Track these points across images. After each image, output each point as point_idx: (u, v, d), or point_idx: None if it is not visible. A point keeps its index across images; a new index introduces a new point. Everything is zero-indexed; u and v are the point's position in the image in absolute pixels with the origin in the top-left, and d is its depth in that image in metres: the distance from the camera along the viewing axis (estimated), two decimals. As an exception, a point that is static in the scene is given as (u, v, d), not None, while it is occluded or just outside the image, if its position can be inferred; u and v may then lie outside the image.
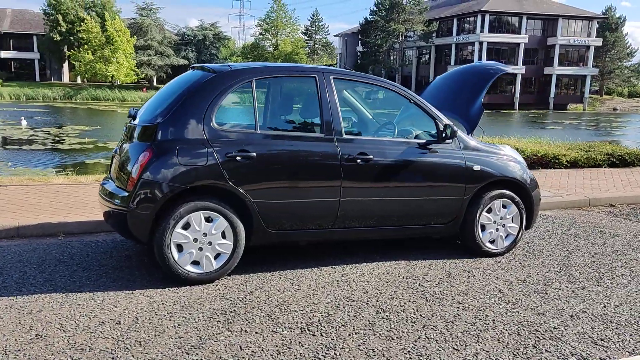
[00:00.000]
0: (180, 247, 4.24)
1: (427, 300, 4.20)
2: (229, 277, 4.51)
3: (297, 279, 4.55)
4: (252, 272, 4.65)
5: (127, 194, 4.20)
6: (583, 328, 3.82)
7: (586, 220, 7.14)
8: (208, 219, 4.29)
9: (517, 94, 59.74)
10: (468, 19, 61.41)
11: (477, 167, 5.16)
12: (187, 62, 59.27)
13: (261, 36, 63.52)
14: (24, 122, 26.68)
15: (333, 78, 4.83)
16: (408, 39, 66.27)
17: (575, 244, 5.95)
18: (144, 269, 4.63)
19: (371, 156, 4.74)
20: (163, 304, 3.93)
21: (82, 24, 51.68)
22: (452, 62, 61.42)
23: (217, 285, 4.35)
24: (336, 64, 76.54)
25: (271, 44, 63.00)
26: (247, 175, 4.35)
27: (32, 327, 3.49)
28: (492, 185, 5.30)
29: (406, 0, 62.37)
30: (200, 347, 3.30)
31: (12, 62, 61.10)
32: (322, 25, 72.92)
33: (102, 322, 3.58)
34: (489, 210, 5.30)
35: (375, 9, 64.44)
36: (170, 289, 4.21)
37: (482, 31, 58.60)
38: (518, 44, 59.24)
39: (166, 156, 4.18)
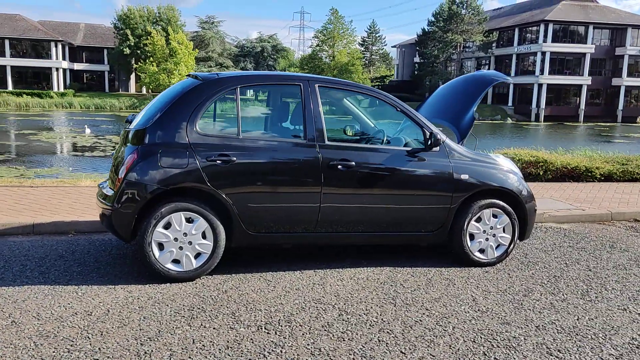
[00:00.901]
0: (161, 246, 4.47)
1: (394, 306, 4.25)
2: (210, 276, 4.71)
3: (276, 280, 4.70)
4: (235, 273, 4.83)
5: (113, 193, 4.49)
6: (544, 339, 3.77)
7: (601, 234, 6.92)
8: (189, 220, 4.51)
9: (582, 106, 57.65)
10: (530, 28, 59.92)
11: (464, 176, 5.16)
12: (246, 74, 60.63)
13: (318, 47, 64.19)
14: (87, 130, 28.17)
15: (318, 86, 4.97)
16: (466, 50, 65.34)
17: (577, 257, 5.81)
18: (135, 266, 4.90)
19: (353, 162, 4.84)
20: (138, 298, 4.16)
21: (148, 37, 53.98)
22: (513, 73, 60.05)
23: (196, 283, 4.55)
24: (393, 75, 76.30)
25: (327, 55, 63.55)
26: (227, 179, 4.55)
27: (11, 314, 3.79)
28: (482, 195, 5.28)
29: (465, 10, 61.53)
30: (155, 339, 3.50)
31: (84, 74, 64.48)
32: (379, 36, 73.05)
33: (75, 313, 3.85)
34: (479, 220, 5.28)
35: (433, 19, 63.94)
36: (150, 285, 4.45)
37: (545, 41, 57.02)
38: (584, 54, 57.21)
39: (149, 159, 4.44)
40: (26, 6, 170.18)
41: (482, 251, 5.34)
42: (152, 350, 3.35)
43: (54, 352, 3.29)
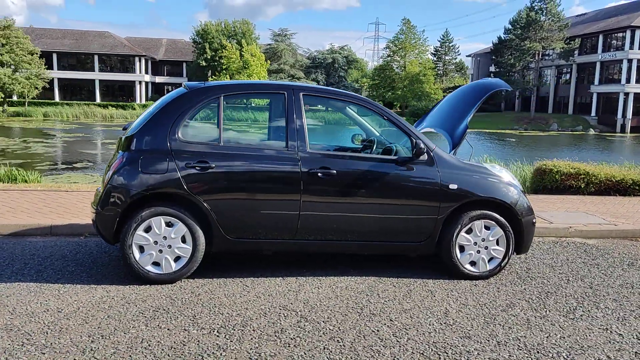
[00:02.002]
0: (142, 249, 4.67)
1: (359, 315, 4.22)
2: (191, 279, 4.86)
3: (253, 286, 4.78)
4: (217, 277, 4.95)
5: (98, 197, 4.75)
6: (499, 355, 3.63)
7: (627, 251, 6.51)
8: (168, 224, 4.68)
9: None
10: (616, 34, 56.95)
11: (453, 186, 5.03)
12: (317, 84, 61.42)
13: (389, 58, 63.97)
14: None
15: (302, 94, 5.03)
16: (545, 58, 62.93)
17: (584, 273, 5.51)
18: (124, 268, 5.11)
19: (334, 171, 4.85)
20: (113, 298, 4.37)
21: (223, 50, 55.93)
22: (597, 81, 57.26)
23: (174, 285, 4.71)
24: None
25: (399, 65, 63.19)
26: (205, 185, 4.69)
27: (-11, 308, 4.08)
28: (473, 205, 5.13)
29: (544, 17, 59.35)
30: (107, 337, 3.66)
31: (165, 86, 67.67)
32: (452, 45, 71.74)
33: (47, 310, 4.09)
34: (469, 231, 5.13)
35: (510, 27, 62.12)
36: (131, 286, 4.65)
37: (631, 48, 54.01)
38: (676, 61, 53.61)
39: (132, 164, 4.66)
40: (117, 24, 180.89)
41: (473, 264, 5.18)
42: (98, 348, 3.51)
43: (9, 345, 3.52)
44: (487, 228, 5.16)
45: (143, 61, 63.38)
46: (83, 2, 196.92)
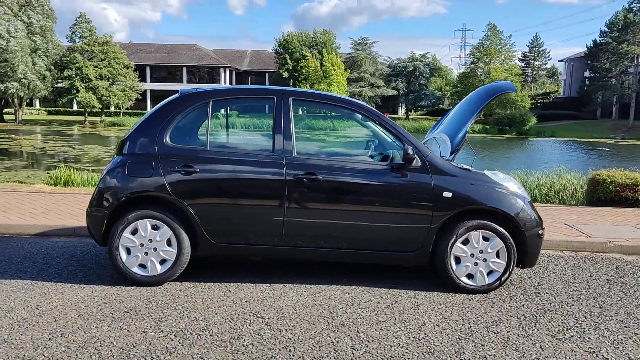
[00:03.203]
0: (128, 250, 4.78)
1: (327, 325, 4.09)
2: (178, 282, 4.92)
3: (236, 291, 4.76)
4: (205, 281, 4.98)
5: (90, 198, 4.92)
6: (455, 374, 3.37)
7: (666, 268, 5.90)
8: (154, 227, 4.77)
9: None
10: None
11: (447, 194, 4.78)
12: (397, 93, 61.03)
13: (473, 65, 62.22)
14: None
15: (292, 99, 4.97)
16: (645, 62, 58.68)
17: (601, 291, 5.06)
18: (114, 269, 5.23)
19: (320, 177, 4.75)
20: (94, 298, 4.50)
21: (304, 60, 56.79)
22: None
23: (159, 287, 4.78)
24: (558, 91, 71.17)
25: (483, 72, 61.31)
26: (190, 189, 4.74)
27: (-24, 303, 4.32)
28: (470, 215, 4.84)
29: (644, 18, 55.50)
30: (66, 336, 3.76)
31: (248, 96, 69.71)
32: (542, 50, 68.64)
33: (26, 306, 4.27)
34: (466, 242, 4.84)
35: (606, 30, 58.61)
36: (117, 287, 4.77)
37: None
38: None
39: (121, 167, 4.80)
40: (207, 37, 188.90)
41: (470, 276, 4.89)
42: (52, 345, 3.61)
43: (-27, 339, 3.70)
44: (485, 239, 4.85)
45: (228, 72, 65.70)
46: (178, 18, 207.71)
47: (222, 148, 5.09)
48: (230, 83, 66.64)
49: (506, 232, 4.83)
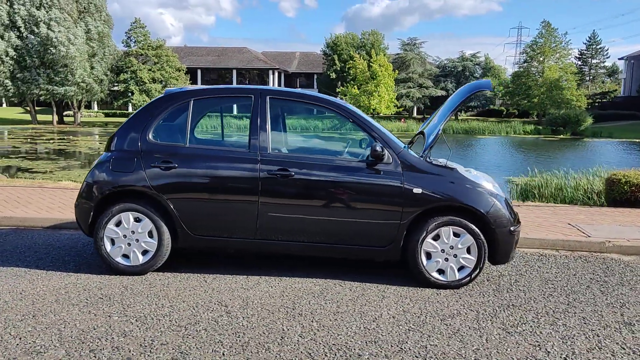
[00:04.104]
0: (112, 241, 5.08)
1: (285, 315, 4.26)
2: (160, 272, 5.19)
3: (213, 282, 4.98)
4: (186, 272, 5.24)
5: (79, 191, 5.26)
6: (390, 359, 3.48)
7: (661, 269, 5.74)
8: (137, 219, 5.06)
9: None
10: None
11: (417, 190, 4.85)
12: (446, 93, 60.18)
13: (526, 64, 60.67)
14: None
15: (269, 98, 5.16)
16: None
17: (578, 289, 5.03)
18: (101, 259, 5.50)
19: (292, 173, 4.91)
20: (76, 285, 4.82)
21: (351, 61, 56.91)
22: None
23: (140, 277, 5.06)
24: (616, 90, 68.38)
25: (537, 71, 59.67)
26: (169, 184, 5.00)
27: (-33, 288, 4.70)
28: (440, 211, 4.89)
29: None
30: (36, 317, 4.03)
31: (297, 98, 70.42)
32: (600, 48, 66.11)
33: (11, 291, 4.59)
34: (436, 238, 4.90)
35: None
36: (102, 275, 5.09)
37: None
38: None
39: (106, 163, 5.12)
40: (259, 40, 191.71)
41: (441, 272, 4.94)
42: (20, 326, 3.89)
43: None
44: (456, 235, 4.89)
45: (276, 74, 66.60)
46: (231, 21, 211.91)
47: (201, 144, 5.32)
48: (279, 85, 67.50)
49: (476, 229, 4.86)
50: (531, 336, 3.93)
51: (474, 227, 4.86)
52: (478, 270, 4.91)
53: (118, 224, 5.07)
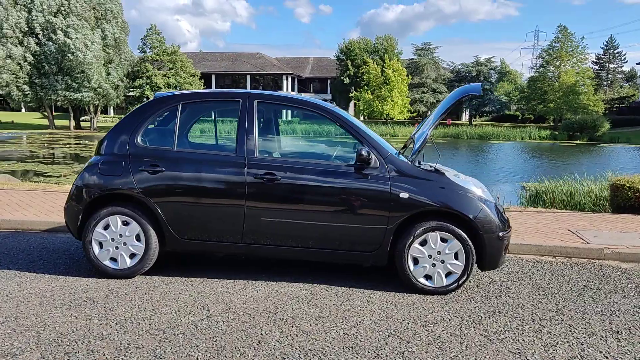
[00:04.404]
0: (101, 245, 5.10)
1: (265, 319, 4.24)
2: (148, 276, 5.20)
3: (200, 286, 4.98)
4: (175, 275, 5.24)
5: (68, 194, 5.29)
6: (360, 369, 3.44)
7: (658, 276, 5.63)
8: (124, 223, 5.07)
9: None
10: None
11: (404, 195, 4.81)
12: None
13: (542, 69, 60.13)
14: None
15: (257, 102, 5.15)
16: None
17: (567, 296, 4.96)
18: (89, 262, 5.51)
19: (279, 177, 4.89)
20: (63, 287, 4.84)
21: (365, 66, 56.88)
22: None
23: (127, 280, 5.07)
24: (634, 95, 67.49)
25: (553, 75, 59.11)
26: (156, 188, 5.01)
27: (-45, 288, 4.74)
28: (427, 216, 4.84)
29: None
30: (17, 319, 4.05)
31: (311, 103, 70.57)
32: (617, 53, 65.33)
33: (-3, 293, 4.64)
34: (423, 243, 4.84)
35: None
36: (90, 278, 5.11)
37: None
38: None
39: (95, 166, 5.14)
40: (273, 46, 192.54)
41: (428, 277, 4.89)
42: (1, 328, 3.93)
43: None
44: (443, 240, 4.84)
45: (290, 79, 66.81)
46: (246, 27, 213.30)
47: (189, 148, 5.33)
48: (293, 90, 67.70)
49: (464, 234, 4.80)
50: (513, 344, 3.86)
51: (461, 232, 4.80)
52: (466, 277, 4.85)
53: (106, 227, 5.08)
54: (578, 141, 49.43)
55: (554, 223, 7.72)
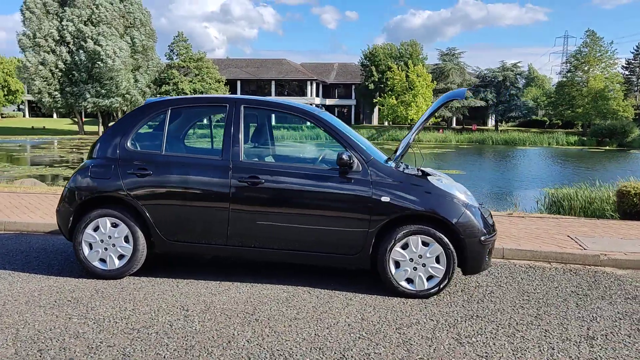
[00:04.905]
0: (91, 246, 5.23)
1: (240, 320, 4.29)
2: (137, 277, 5.30)
3: (183, 287, 5.07)
4: (164, 276, 5.34)
5: (60, 197, 5.44)
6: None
7: (651, 283, 5.52)
8: (114, 225, 5.19)
9: None
10: None
11: (385, 198, 4.83)
12: (486, 103, 59.29)
13: (569, 74, 59.18)
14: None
15: (244, 106, 5.23)
16: None
17: (551, 302, 4.90)
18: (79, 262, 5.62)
19: (262, 180, 4.96)
20: (52, 287, 4.98)
21: (389, 72, 56.77)
22: None
23: (116, 280, 5.18)
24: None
25: (581, 80, 58.12)
26: (143, 190, 5.12)
27: (-52, 287, 4.91)
28: (409, 220, 4.85)
29: None
30: (1, 318, 4.21)
31: (335, 108, 70.66)
32: (648, 56, 63.86)
33: (-15, 293, 4.79)
34: (405, 246, 4.85)
35: None
36: (79, 279, 5.24)
37: None
38: None
39: (87, 170, 5.29)
40: (299, 52, 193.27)
41: (409, 281, 4.89)
42: (-17, 324, 4.07)
43: None
44: (425, 244, 4.84)
45: (314, 85, 67.08)
46: (273, 33, 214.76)
47: (176, 152, 5.43)
48: (317, 95, 67.92)
49: (445, 238, 4.79)
50: (482, 347, 3.85)
51: (442, 236, 4.79)
52: (447, 280, 4.83)
53: (96, 229, 5.21)
54: (607, 147, 48.49)
55: (555, 229, 7.62)
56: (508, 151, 43.40)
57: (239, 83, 67.54)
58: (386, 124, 63.24)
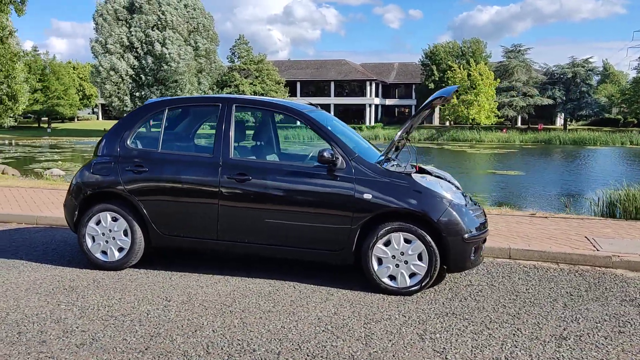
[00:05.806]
0: (93, 238, 5.53)
1: (216, 311, 4.45)
2: (136, 269, 5.56)
3: (175, 279, 5.27)
4: (161, 269, 5.58)
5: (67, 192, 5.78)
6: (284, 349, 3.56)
7: (658, 286, 5.26)
8: (114, 219, 5.47)
9: None
10: None
11: (367, 196, 4.85)
12: (553, 102, 57.16)
13: (643, 69, 56.09)
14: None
15: (235, 106, 5.39)
16: None
17: (537, 302, 4.79)
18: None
19: (250, 177, 5.10)
20: (54, 277, 5.31)
21: (449, 71, 55.78)
22: None
23: (115, 272, 5.45)
24: None
25: (657, 76, 54.98)
26: (140, 186, 5.38)
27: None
28: (391, 217, 4.86)
29: None
30: (-1, 304, 4.56)
31: (395, 109, 70.14)
32: None
33: (-9, 281, 5.16)
34: (387, 243, 4.85)
35: None
36: (82, 269, 5.55)
37: None
38: None
39: (90, 167, 5.59)
40: (362, 52, 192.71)
41: (392, 278, 4.89)
42: (-18, 311, 4.41)
43: None
44: (407, 241, 4.83)
45: (374, 85, 66.85)
46: (335, 34, 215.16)
47: (171, 150, 5.64)
48: (377, 96, 67.66)
49: (427, 236, 4.75)
50: (442, 343, 3.82)
51: (424, 233, 4.76)
52: (429, 278, 4.80)
53: (98, 222, 5.51)
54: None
55: (574, 230, 7.33)
56: (575, 151, 41.61)
57: (298, 84, 68.29)
58: (447, 124, 62.15)
